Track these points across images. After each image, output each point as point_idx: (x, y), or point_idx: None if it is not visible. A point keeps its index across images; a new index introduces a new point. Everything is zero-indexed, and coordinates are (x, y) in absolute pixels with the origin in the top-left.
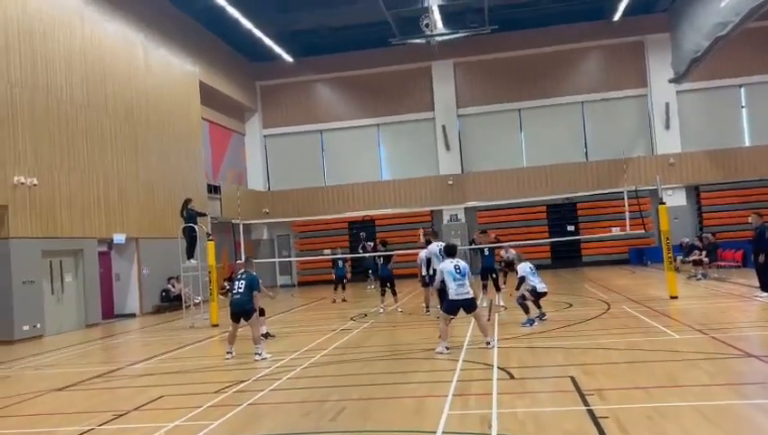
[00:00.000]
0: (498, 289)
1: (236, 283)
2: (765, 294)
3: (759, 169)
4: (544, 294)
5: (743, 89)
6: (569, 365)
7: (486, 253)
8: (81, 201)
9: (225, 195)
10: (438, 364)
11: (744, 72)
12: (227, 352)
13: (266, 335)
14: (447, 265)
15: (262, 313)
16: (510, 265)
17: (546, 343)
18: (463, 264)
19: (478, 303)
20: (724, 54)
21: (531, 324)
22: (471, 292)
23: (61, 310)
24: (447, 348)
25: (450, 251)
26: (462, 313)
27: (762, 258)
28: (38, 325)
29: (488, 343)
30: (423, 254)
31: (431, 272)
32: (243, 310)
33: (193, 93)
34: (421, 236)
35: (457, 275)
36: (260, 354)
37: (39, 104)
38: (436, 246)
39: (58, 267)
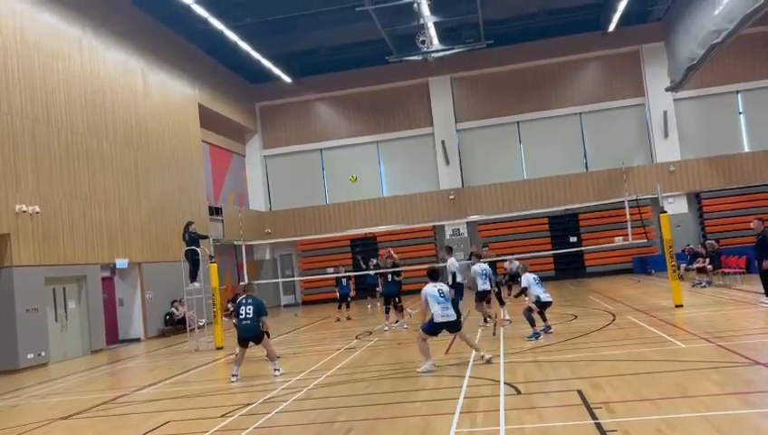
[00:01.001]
0: (502, 303)
1: (242, 308)
2: None
3: (759, 175)
4: (549, 303)
5: (740, 95)
6: (575, 379)
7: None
8: (84, 227)
9: (227, 216)
10: (444, 381)
11: (741, 78)
12: (233, 375)
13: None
14: (430, 290)
15: (267, 335)
16: (514, 278)
17: (552, 356)
18: (446, 288)
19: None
20: (719, 62)
21: (536, 338)
22: (454, 314)
23: (65, 337)
24: (435, 365)
25: (434, 275)
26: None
27: (766, 264)
28: (42, 353)
29: (482, 357)
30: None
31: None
32: (253, 335)
33: (192, 116)
34: (393, 255)
35: (441, 299)
36: (278, 370)
37: (40, 133)
38: (456, 261)
39: (61, 294)
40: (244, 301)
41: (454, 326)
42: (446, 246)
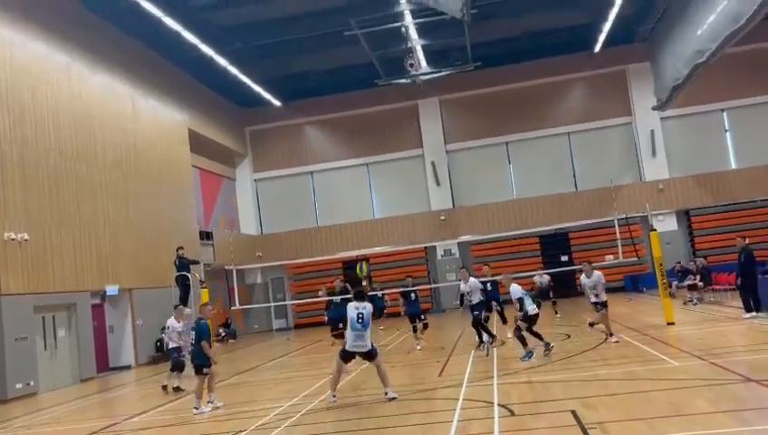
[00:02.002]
0: (504, 321)
1: (191, 332)
2: (749, 314)
3: (746, 191)
4: (536, 316)
5: (725, 113)
6: (569, 399)
7: (489, 287)
8: (73, 254)
9: (218, 241)
10: (438, 404)
11: (726, 96)
12: (194, 407)
13: (177, 389)
14: (350, 311)
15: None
16: (545, 294)
17: (545, 376)
18: (367, 311)
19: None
20: (705, 80)
21: (530, 357)
22: (368, 344)
23: (54, 366)
24: (334, 396)
25: (359, 295)
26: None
27: (739, 281)
28: (31, 383)
29: (386, 394)
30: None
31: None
32: (195, 363)
33: (182, 141)
34: (337, 283)
35: (357, 325)
36: (197, 408)
37: (28, 159)
38: (477, 281)
39: (51, 323)
40: (192, 325)
41: (367, 356)
42: (464, 268)
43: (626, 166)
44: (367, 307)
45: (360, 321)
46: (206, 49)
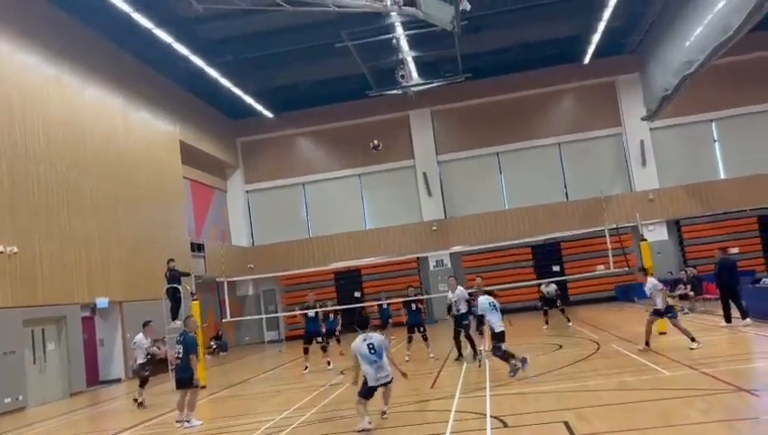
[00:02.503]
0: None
1: (177, 346)
2: (742, 321)
3: (736, 201)
4: (502, 334)
5: (714, 123)
6: (562, 410)
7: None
8: (63, 266)
9: (209, 253)
10: (430, 416)
11: (714, 107)
12: (177, 422)
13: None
14: (360, 346)
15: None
16: (549, 302)
17: (538, 387)
18: (376, 339)
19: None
20: (693, 91)
21: (516, 372)
22: (389, 371)
23: (44, 380)
24: (370, 423)
25: (362, 324)
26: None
27: (718, 293)
28: (20, 397)
29: (384, 413)
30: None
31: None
32: (183, 376)
33: (173, 153)
34: (310, 296)
35: (372, 356)
36: (188, 422)
37: (18, 171)
38: (465, 291)
39: (40, 336)
40: (178, 338)
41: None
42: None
43: (616, 176)
44: (374, 336)
45: (372, 352)
46: (197, 61)
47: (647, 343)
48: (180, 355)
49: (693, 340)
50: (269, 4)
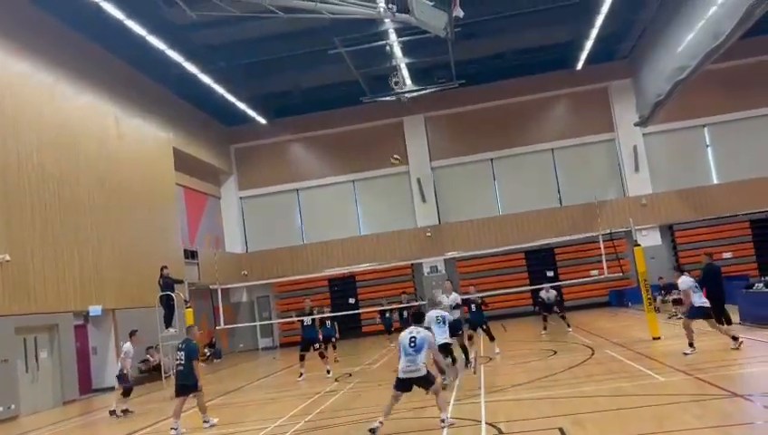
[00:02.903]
0: (492, 338)
1: (177, 353)
2: (726, 327)
3: (728, 206)
4: (447, 345)
5: (706, 129)
6: (557, 416)
7: (474, 308)
8: (56, 274)
9: (203, 260)
10: (426, 423)
11: (707, 112)
12: (172, 429)
13: (125, 411)
14: (404, 336)
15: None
16: (549, 308)
17: (533, 393)
18: (420, 336)
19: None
20: (686, 96)
21: (448, 382)
22: (423, 369)
23: (36, 388)
24: (381, 423)
25: (418, 318)
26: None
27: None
28: (12, 406)
29: (442, 420)
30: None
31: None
32: (185, 382)
33: (167, 160)
34: (307, 302)
35: (410, 349)
36: (207, 422)
37: (10, 179)
38: (435, 313)
39: (33, 344)
40: (179, 346)
41: (423, 382)
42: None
43: (609, 181)
44: (421, 332)
45: (412, 345)
46: (190, 67)
47: (691, 345)
48: (182, 362)
49: (690, 345)
50: (262, 10)
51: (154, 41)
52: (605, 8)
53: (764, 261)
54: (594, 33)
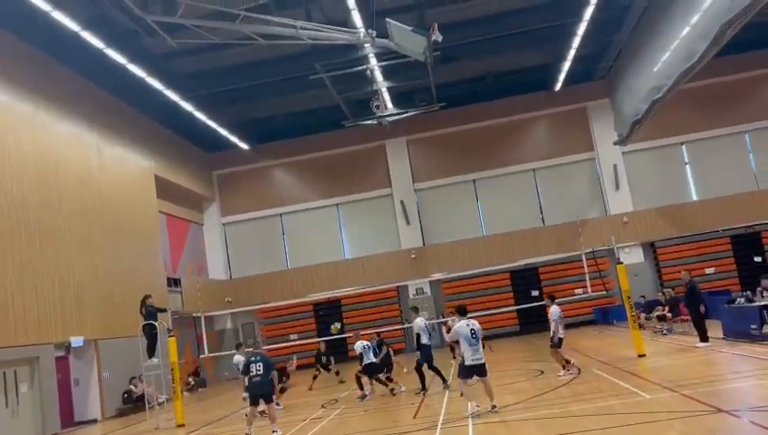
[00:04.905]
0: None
1: (252, 366)
2: (704, 344)
3: (708, 222)
4: (371, 364)
5: (684, 146)
6: None
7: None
8: (36, 306)
9: (186, 287)
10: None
11: (684, 130)
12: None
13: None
14: (463, 328)
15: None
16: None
17: (519, 415)
18: (477, 326)
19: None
20: (663, 115)
21: (364, 399)
22: (483, 357)
23: (16, 423)
24: (478, 406)
25: (462, 311)
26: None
27: (703, 308)
28: None
29: (494, 407)
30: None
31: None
32: (266, 391)
33: (149, 188)
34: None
35: (473, 340)
36: (276, 432)
37: None
38: (423, 321)
39: (12, 378)
40: (253, 358)
41: (481, 370)
42: (411, 307)
43: (591, 200)
44: (475, 323)
45: (473, 336)
46: (171, 95)
47: (564, 367)
48: (260, 373)
49: (564, 367)
50: (243, 38)
51: (135, 69)
52: (581, 30)
53: (746, 276)
54: (571, 54)
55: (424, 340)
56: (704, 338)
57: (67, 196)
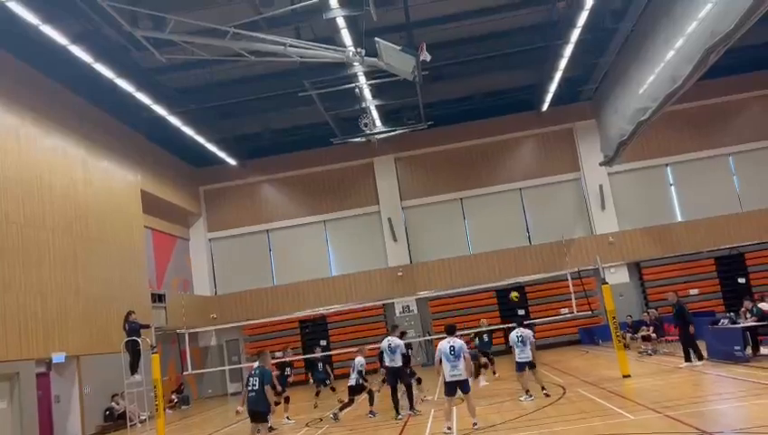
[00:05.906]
0: (479, 371)
1: (250, 379)
2: (687, 364)
3: (693, 243)
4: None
5: (669, 168)
6: None
7: (486, 338)
8: (18, 321)
9: (171, 303)
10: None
11: (669, 151)
12: None
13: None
14: (443, 345)
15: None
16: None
17: (505, 434)
18: (458, 344)
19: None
20: (649, 136)
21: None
22: (463, 374)
23: None
24: (449, 429)
25: (450, 330)
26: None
27: (692, 329)
28: None
29: (474, 424)
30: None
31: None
32: (259, 408)
33: (134, 203)
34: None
35: (450, 356)
36: None
37: None
38: (397, 339)
39: None
40: (253, 371)
41: (462, 386)
42: (392, 325)
43: (577, 220)
44: (457, 341)
45: (452, 353)
46: (159, 110)
47: (527, 392)
48: (255, 388)
49: (527, 392)
50: (232, 54)
51: (123, 83)
52: (568, 52)
53: (729, 297)
54: (558, 76)
55: (386, 361)
56: (698, 356)
57: (51, 211)
